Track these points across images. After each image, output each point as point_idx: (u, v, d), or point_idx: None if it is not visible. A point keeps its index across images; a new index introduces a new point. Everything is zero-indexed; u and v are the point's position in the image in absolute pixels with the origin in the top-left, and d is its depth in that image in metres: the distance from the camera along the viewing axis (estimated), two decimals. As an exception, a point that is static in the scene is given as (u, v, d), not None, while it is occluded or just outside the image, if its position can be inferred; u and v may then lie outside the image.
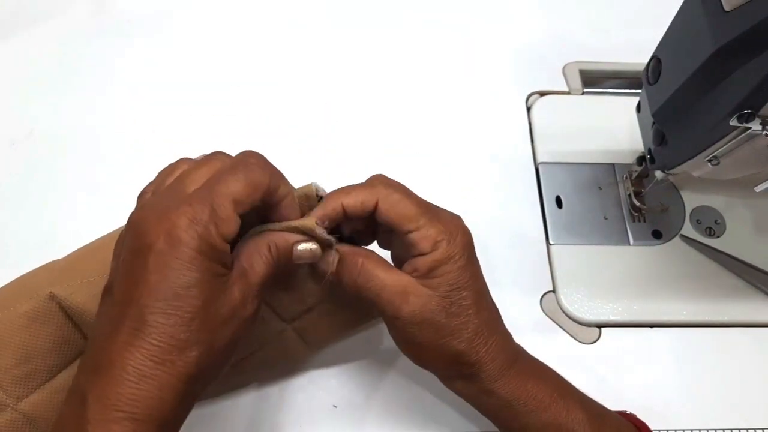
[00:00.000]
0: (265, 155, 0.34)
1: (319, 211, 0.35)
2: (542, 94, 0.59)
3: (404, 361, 0.46)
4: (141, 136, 0.54)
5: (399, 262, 0.37)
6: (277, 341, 0.42)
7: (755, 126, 0.36)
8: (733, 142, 0.38)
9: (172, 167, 0.35)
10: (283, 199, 0.33)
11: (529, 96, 0.59)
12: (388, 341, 0.47)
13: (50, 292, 0.38)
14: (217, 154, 0.34)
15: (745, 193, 0.53)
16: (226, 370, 0.32)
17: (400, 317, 0.35)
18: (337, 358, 0.46)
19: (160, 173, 0.35)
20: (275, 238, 0.33)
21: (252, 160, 0.32)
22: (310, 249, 0.34)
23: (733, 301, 0.49)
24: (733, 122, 0.36)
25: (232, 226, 0.30)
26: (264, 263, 0.33)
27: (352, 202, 0.35)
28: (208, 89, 0.57)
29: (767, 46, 0.33)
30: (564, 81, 0.59)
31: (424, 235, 0.34)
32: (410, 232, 0.35)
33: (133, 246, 0.30)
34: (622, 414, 0.40)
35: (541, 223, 0.52)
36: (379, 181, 0.37)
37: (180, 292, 0.29)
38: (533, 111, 0.57)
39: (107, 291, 0.31)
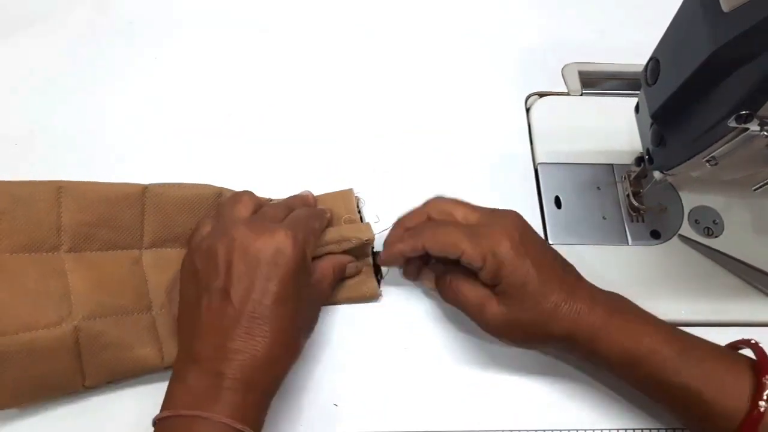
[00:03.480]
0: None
1: (382, 257, 0.46)
2: (541, 95, 0.59)
3: (404, 360, 0.47)
4: (142, 137, 0.54)
5: None
6: None
7: (753, 127, 0.36)
8: (731, 143, 0.38)
9: (235, 198, 0.45)
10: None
11: (528, 97, 0.59)
12: (388, 341, 0.47)
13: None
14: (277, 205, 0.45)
15: (744, 194, 0.53)
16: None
17: (485, 326, 0.43)
18: (337, 358, 0.46)
19: (228, 204, 0.45)
20: (336, 261, 0.46)
21: (317, 212, 0.47)
22: (356, 266, 0.48)
23: (732, 301, 0.49)
24: (732, 123, 0.36)
25: (311, 244, 0.42)
26: (330, 279, 0.46)
27: (407, 249, 0.44)
28: (209, 90, 0.57)
29: (765, 46, 0.33)
30: (563, 82, 0.59)
31: (471, 258, 0.41)
32: (460, 258, 0.42)
33: (246, 257, 0.39)
34: (742, 342, 0.41)
35: (540, 223, 0.52)
36: (424, 225, 0.45)
37: (286, 296, 0.39)
38: (532, 112, 0.58)
39: (207, 286, 0.39)
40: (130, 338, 0.43)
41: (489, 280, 0.42)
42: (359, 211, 0.50)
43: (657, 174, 0.46)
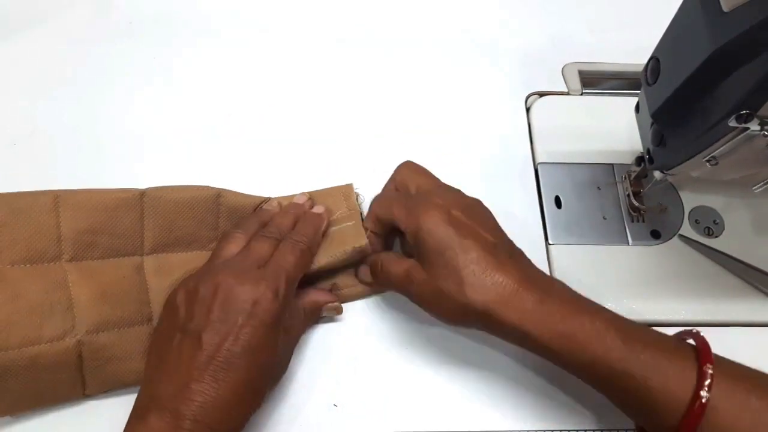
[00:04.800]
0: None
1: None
2: (541, 94, 0.59)
3: (404, 360, 0.47)
4: (142, 137, 0.54)
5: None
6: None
7: (754, 126, 0.36)
8: (731, 142, 0.38)
9: (228, 238, 0.45)
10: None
11: (528, 96, 0.59)
12: (388, 341, 0.47)
13: None
14: (270, 231, 0.45)
15: (744, 193, 0.53)
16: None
17: (413, 297, 0.43)
18: (337, 358, 0.46)
19: (220, 241, 0.45)
20: (307, 303, 0.45)
21: (302, 241, 0.44)
22: (335, 307, 0.47)
23: (732, 301, 0.49)
24: (732, 123, 0.36)
25: (292, 293, 0.42)
26: (302, 325, 0.46)
27: (368, 222, 0.47)
28: (209, 90, 0.57)
29: (766, 46, 0.33)
30: (563, 82, 0.59)
31: (398, 219, 0.43)
32: (393, 221, 0.44)
33: (225, 304, 0.39)
34: (687, 334, 0.40)
35: (540, 223, 0.52)
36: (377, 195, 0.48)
37: (258, 346, 0.39)
38: (532, 111, 0.58)
39: (183, 327, 0.39)
40: (132, 351, 0.43)
41: (411, 242, 0.42)
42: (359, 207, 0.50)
43: (657, 174, 0.46)
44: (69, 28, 0.59)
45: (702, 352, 0.37)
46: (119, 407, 0.43)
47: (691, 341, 0.39)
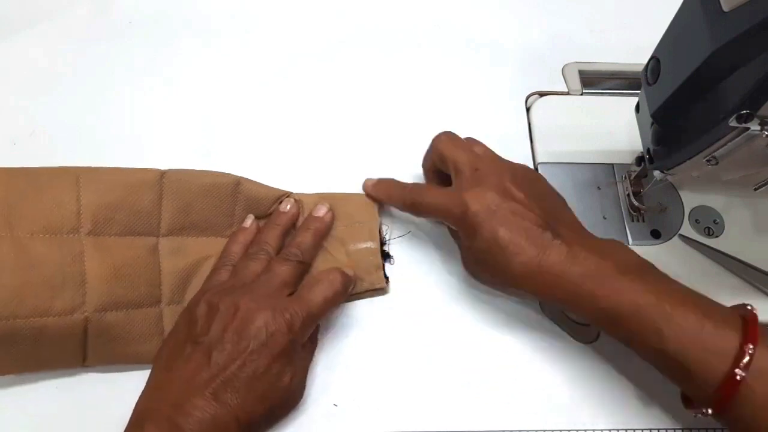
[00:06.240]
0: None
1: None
2: (541, 94, 0.59)
3: (404, 360, 0.47)
4: (142, 137, 0.54)
5: None
6: None
7: (754, 126, 0.36)
8: (732, 142, 0.38)
9: (252, 255, 0.46)
10: None
11: (528, 96, 0.59)
12: (388, 340, 0.47)
13: None
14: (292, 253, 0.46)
15: (744, 193, 0.53)
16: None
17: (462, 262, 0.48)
18: (336, 358, 0.46)
19: (247, 256, 0.46)
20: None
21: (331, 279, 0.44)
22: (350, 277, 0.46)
23: (732, 301, 0.48)
24: (732, 123, 0.36)
25: (308, 331, 0.43)
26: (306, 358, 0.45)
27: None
28: (209, 90, 0.57)
29: (766, 46, 0.33)
30: (563, 81, 0.59)
31: (446, 217, 0.46)
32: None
33: (240, 328, 0.40)
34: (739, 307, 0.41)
35: (540, 223, 0.52)
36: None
37: (267, 371, 0.40)
38: (532, 111, 0.58)
39: (196, 339, 0.40)
40: (136, 332, 0.44)
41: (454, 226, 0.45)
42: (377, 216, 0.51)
43: (657, 173, 0.46)
44: (69, 28, 0.59)
45: (748, 329, 0.37)
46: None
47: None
